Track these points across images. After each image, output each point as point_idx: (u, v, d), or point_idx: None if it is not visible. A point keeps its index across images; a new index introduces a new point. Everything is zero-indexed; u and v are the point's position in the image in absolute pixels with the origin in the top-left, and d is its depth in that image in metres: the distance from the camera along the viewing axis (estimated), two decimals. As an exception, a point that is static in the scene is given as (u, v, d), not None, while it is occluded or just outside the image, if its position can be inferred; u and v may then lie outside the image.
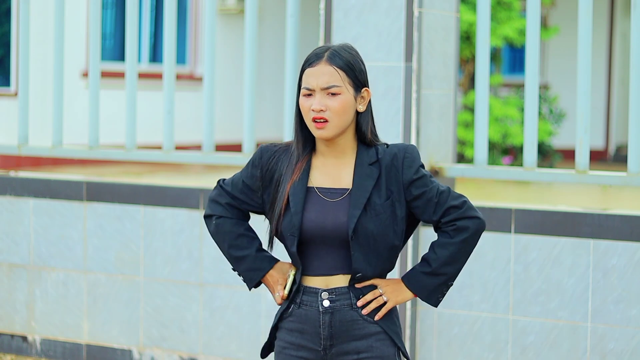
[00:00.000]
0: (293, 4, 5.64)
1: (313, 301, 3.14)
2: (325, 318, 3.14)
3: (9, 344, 6.29)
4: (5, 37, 14.04)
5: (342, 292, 3.14)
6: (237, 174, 3.26)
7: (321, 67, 3.09)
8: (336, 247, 3.12)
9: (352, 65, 3.11)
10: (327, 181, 3.15)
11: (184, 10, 15.74)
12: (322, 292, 3.14)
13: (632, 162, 5.03)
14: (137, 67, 6.09)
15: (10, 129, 10.04)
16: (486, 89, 5.34)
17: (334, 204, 3.12)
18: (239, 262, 3.23)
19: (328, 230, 3.10)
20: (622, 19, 18.69)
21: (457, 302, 5.22)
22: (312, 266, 3.14)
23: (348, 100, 3.10)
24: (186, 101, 14.02)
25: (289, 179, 3.14)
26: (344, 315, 3.14)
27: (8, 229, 6.27)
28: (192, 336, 5.82)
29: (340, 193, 3.13)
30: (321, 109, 3.07)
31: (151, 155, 6.21)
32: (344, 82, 3.09)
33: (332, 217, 3.10)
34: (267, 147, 3.23)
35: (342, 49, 3.12)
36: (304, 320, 3.16)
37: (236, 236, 3.23)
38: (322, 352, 3.16)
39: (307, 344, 3.16)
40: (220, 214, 3.23)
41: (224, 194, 3.24)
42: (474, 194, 11.34)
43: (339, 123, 3.10)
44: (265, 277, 3.22)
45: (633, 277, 4.89)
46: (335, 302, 3.13)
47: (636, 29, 5.01)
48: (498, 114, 14.39)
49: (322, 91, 3.09)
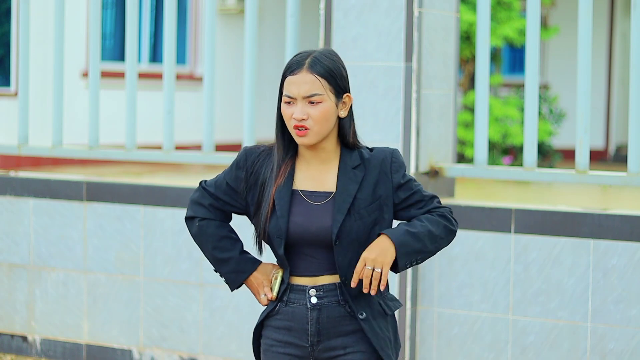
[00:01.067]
0: (293, 4, 5.64)
1: (301, 298, 3.17)
2: (313, 314, 3.16)
3: (9, 344, 6.29)
4: (5, 37, 14.04)
5: (329, 288, 3.17)
6: (220, 175, 3.28)
7: (303, 75, 3.10)
8: (322, 249, 3.15)
9: (333, 73, 3.12)
10: (311, 184, 3.18)
11: (184, 10, 15.74)
12: (309, 289, 3.17)
13: (632, 162, 5.03)
14: (137, 67, 6.09)
15: (10, 129, 10.04)
16: (486, 89, 5.34)
17: (319, 207, 3.14)
18: (222, 264, 3.27)
19: (313, 233, 3.13)
20: (622, 19, 18.69)
21: (457, 302, 5.22)
22: (300, 267, 3.17)
23: (329, 107, 3.12)
24: (186, 101, 14.02)
25: (274, 182, 3.16)
26: (332, 312, 3.16)
27: (8, 229, 6.27)
28: (192, 336, 5.82)
29: (325, 196, 3.15)
30: (303, 117, 3.10)
31: (151, 155, 6.21)
32: (326, 90, 3.11)
33: (316, 221, 3.13)
34: (251, 149, 3.25)
35: (323, 56, 3.14)
36: (291, 318, 3.19)
37: (219, 238, 3.26)
38: (310, 348, 3.19)
39: (295, 341, 3.19)
40: (203, 215, 3.27)
41: (206, 196, 3.27)
42: (474, 194, 11.34)
43: (320, 130, 3.12)
44: (248, 279, 3.26)
45: (633, 277, 4.89)
46: (323, 299, 3.16)
47: (636, 29, 5.01)
48: (498, 114, 14.39)
49: (303, 99, 3.11)
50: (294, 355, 3.21)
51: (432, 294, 5.27)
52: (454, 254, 5.22)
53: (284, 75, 3.14)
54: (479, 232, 5.17)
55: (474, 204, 5.22)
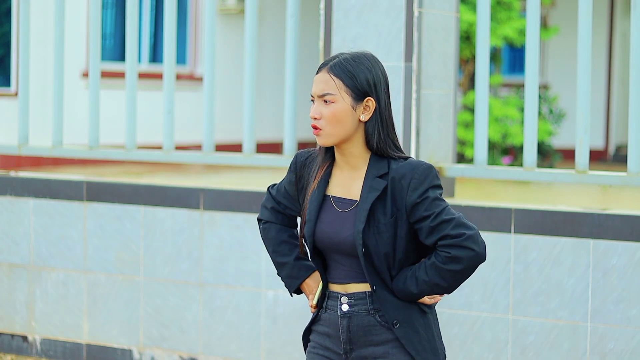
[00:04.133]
0: (293, 4, 5.64)
1: (335, 305, 3.20)
2: (343, 322, 3.18)
3: (9, 344, 6.29)
4: (5, 37, 14.04)
5: (360, 297, 3.17)
6: (283, 180, 3.34)
7: (321, 75, 3.12)
8: (348, 256, 3.15)
9: (352, 75, 3.09)
10: (340, 190, 3.17)
11: (184, 10, 15.74)
12: (341, 296, 3.18)
13: (632, 162, 5.03)
14: (137, 67, 6.09)
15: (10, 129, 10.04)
16: (486, 89, 5.34)
17: (343, 215, 3.14)
18: (280, 268, 3.32)
19: (336, 241, 3.14)
20: (622, 19, 18.68)
21: (457, 302, 5.22)
22: (331, 273, 3.21)
23: (342, 109, 3.09)
24: (186, 101, 14.02)
25: (311, 186, 3.19)
26: (361, 320, 3.17)
27: (8, 229, 6.27)
28: (192, 336, 5.82)
29: (350, 204, 3.15)
30: (315, 116, 3.11)
31: (151, 155, 6.21)
32: (339, 91, 3.09)
33: (339, 229, 3.13)
34: (301, 152, 3.27)
35: (350, 58, 3.12)
36: (329, 324, 3.21)
37: (279, 242, 3.30)
38: (344, 356, 3.21)
39: (332, 347, 3.22)
40: (267, 219, 3.33)
41: (270, 199, 3.33)
42: (474, 194, 11.34)
43: (332, 131, 3.10)
44: (302, 284, 3.28)
45: (633, 277, 4.89)
46: (354, 307, 3.17)
47: (636, 29, 5.01)
48: (498, 114, 14.39)
49: (319, 99, 3.12)
50: (330, 359, 3.23)
51: (432, 294, 5.27)
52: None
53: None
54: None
55: (474, 204, 5.22)
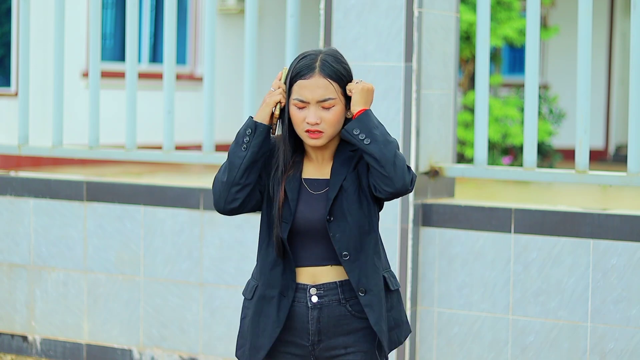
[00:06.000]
0: (293, 4, 5.64)
1: (302, 297, 3.19)
2: (313, 314, 3.18)
3: (9, 344, 6.29)
4: (5, 37, 14.04)
5: (331, 287, 3.18)
6: None
7: (315, 79, 3.14)
8: (321, 238, 3.17)
9: (342, 75, 3.17)
10: (313, 172, 3.22)
11: (184, 10, 15.74)
12: (310, 288, 3.18)
13: (631, 162, 5.03)
14: (137, 67, 6.09)
15: (10, 129, 10.04)
16: (486, 89, 5.34)
17: (317, 196, 3.18)
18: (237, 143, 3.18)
19: (312, 221, 3.16)
20: (622, 19, 18.69)
21: (457, 301, 5.22)
22: (300, 257, 3.19)
23: (341, 110, 3.17)
24: (186, 101, 14.03)
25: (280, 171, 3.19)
26: (332, 311, 3.18)
27: (8, 229, 6.27)
28: (192, 336, 5.82)
29: (324, 184, 3.19)
30: (316, 122, 3.13)
31: (151, 155, 6.21)
32: (337, 94, 3.16)
33: (315, 208, 3.16)
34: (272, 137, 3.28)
35: (331, 57, 3.17)
36: (295, 317, 3.19)
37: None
38: (310, 348, 3.20)
39: (296, 340, 3.21)
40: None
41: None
42: (474, 194, 11.34)
43: (333, 133, 3.18)
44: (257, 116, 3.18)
45: (633, 277, 4.89)
46: (324, 298, 3.18)
47: (636, 29, 5.01)
48: (498, 114, 14.40)
49: (317, 104, 3.14)
50: (294, 354, 3.22)
51: (432, 294, 5.28)
52: (454, 254, 5.23)
53: (293, 80, 3.15)
54: (478, 232, 5.17)
55: (474, 204, 5.22)
